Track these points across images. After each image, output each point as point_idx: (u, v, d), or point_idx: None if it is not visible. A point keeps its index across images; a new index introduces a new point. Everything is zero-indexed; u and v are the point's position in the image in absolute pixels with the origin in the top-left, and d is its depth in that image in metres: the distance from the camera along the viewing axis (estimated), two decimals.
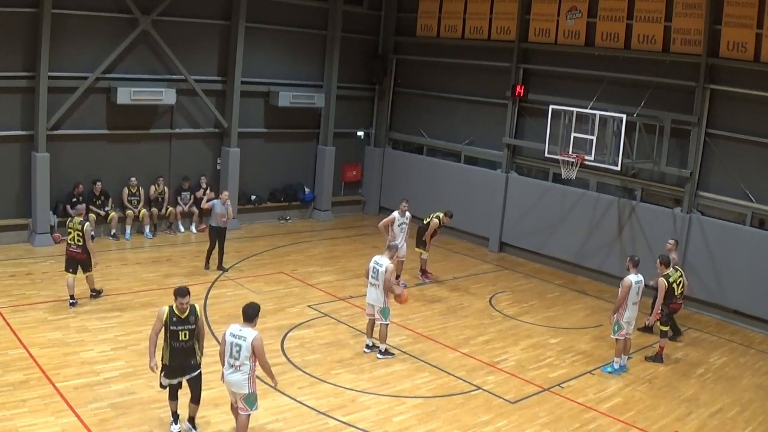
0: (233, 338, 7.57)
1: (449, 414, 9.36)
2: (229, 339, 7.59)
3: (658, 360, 11.57)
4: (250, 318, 7.67)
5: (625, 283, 10.79)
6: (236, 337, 7.55)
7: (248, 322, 7.65)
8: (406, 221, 14.39)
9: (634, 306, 10.95)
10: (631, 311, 10.93)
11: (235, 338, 7.55)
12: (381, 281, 10.69)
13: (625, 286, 10.77)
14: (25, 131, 15.00)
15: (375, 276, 10.78)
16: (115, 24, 15.69)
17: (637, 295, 10.90)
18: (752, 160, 13.76)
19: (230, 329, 7.66)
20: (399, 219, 14.24)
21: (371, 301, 10.90)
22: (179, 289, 7.91)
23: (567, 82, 16.28)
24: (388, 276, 10.65)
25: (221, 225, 14.22)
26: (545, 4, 16.68)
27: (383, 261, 10.81)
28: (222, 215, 14.14)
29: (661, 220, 14.85)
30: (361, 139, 20.96)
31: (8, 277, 13.05)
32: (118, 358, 10.00)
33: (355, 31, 19.82)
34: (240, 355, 7.50)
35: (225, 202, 14.30)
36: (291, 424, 8.72)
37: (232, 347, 7.55)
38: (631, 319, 11.01)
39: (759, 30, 13.29)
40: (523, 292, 14.93)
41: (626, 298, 10.76)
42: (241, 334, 7.55)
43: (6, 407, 8.35)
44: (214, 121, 17.71)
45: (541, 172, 17.27)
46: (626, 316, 10.91)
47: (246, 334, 7.53)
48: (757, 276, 13.37)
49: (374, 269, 10.80)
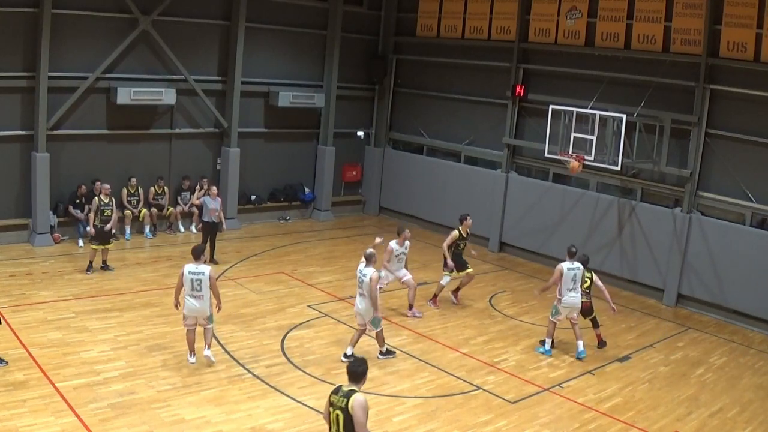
0: (192, 275, 9.74)
1: (449, 414, 9.36)
2: (188, 276, 9.74)
3: (602, 345, 11.95)
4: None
5: (557, 267, 11.34)
6: (194, 273, 9.73)
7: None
8: (405, 251, 12.85)
9: (571, 293, 11.25)
10: (569, 298, 11.25)
11: (194, 274, 9.73)
12: (367, 291, 10.41)
13: (557, 270, 11.30)
14: (25, 131, 15.00)
15: (361, 286, 10.52)
16: (115, 24, 15.70)
17: (572, 282, 11.24)
18: (752, 160, 13.76)
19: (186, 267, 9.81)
20: (397, 249, 12.66)
21: (360, 312, 10.63)
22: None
23: (567, 82, 16.28)
24: (373, 285, 10.35)
25: (214, 220, 14.79)
26: (545, 4, 16.68)
27: (367, 271, 10.43)
28: (215, 210, 14.75)
29: (661, 220, 14.85)
30: (361, 139, 20.96)
31: (8, 277, 13.04)
32: (118, 358, 10.00)
33: (355, 31, 19.82)
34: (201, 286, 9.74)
35: (215, 197, 14.90)
36: (291, 424, 8.71)
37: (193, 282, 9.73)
38: (571, 307, 11.31)
39: (759, 30, 13.30)
40: (523, 292, 14.93)
41: (558, 282, 11.25)
42: (199, 270, 9.77)
43: (6, 407, 8.35)
44: (214, 121, 17.71)
45: (541, 172, 17.27)
46: (564, 301, 11.27)
47: (203, 269, 9.82)
48: (757, 276, 13.37)
49: (360, 279, 10.53)
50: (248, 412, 8.91)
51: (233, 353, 10.60)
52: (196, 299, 9.79)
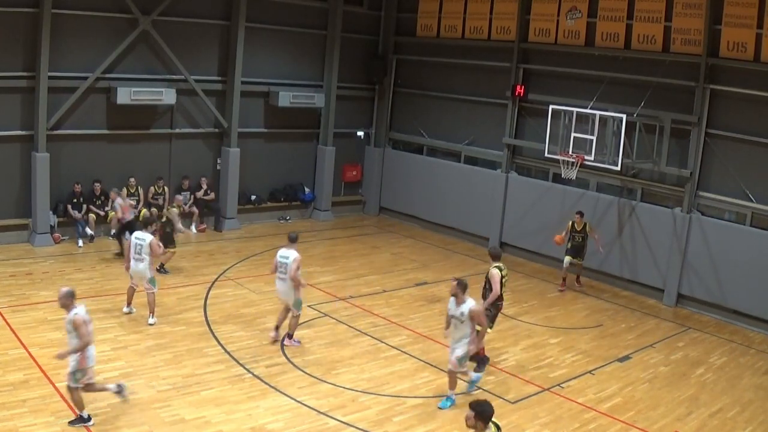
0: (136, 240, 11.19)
1: (449, 414, 9.35)
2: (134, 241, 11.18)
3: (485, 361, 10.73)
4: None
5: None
6: (138, 239, 11.17)
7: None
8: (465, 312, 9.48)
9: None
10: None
11: (138, 239, 11.17)
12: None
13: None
14: (25, 131, 15.00)
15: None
16: (115, 24, 15.69)
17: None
18: (752, 160, 13.76)
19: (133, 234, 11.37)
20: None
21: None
22: None
23: (567, 82, 16.28)
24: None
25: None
26: (545, 4, 16.68)
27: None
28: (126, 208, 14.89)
29: (661, 220, 14.85)
30: (361, 139, 20.96)
31: (8, 277, 13.05)
32: (118, 358, 10.01)
33: (355, 31, 19.82)
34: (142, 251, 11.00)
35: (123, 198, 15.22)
36: (291, 424, 8.72)
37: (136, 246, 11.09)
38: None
39: (759, 30, 13.30)
40: (523, 292, 14.93)
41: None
42: (142, 236, 11.15)
43: (6, 407, 8.36)
44: (214, 121, 17.71)
45: (541, 172, 17.27)
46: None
47: (145, 237, 11.09)
48: (757, 276, 13.37)
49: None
50: (248, 412, 8.92)
51: (233, 353, 10.60)
52: (138, 262, 11.21)
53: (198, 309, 12.32)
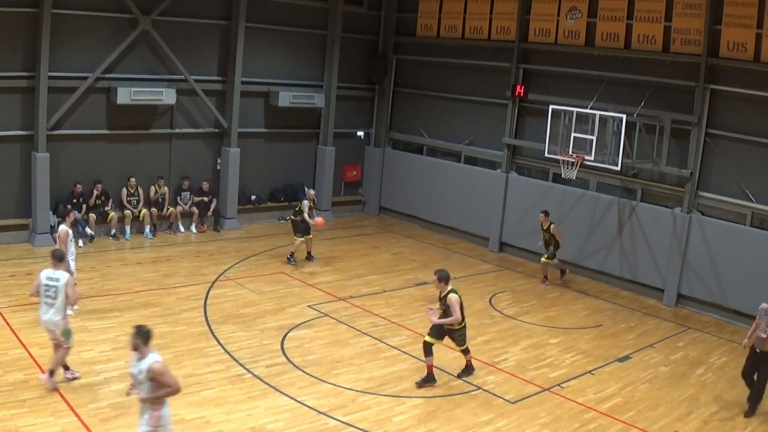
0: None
1: (449, 414, 9.36)
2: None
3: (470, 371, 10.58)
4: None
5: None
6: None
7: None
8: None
9: None
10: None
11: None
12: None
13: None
14: (25, 131, 14.99)
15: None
16: (115, 24, 15.69)
17: None
18: (752, 160, 13.76)
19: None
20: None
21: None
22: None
23: (567, 82, 16.28)
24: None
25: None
26: (545, 4, 16.68)
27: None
28: None
29: (661, 220, 14.85)
30: (361, 139, 20.95)
31: (8, 277, 13.05)
32: (118, 358, 10.00)
33: (355, 31, 19.82)
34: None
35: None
36: (291, 424, 8.72)
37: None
38: None
39: (759, 30, 13.29)
40: (523, 292, 14.93)
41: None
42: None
43: (6, 407, 8.35)
44: (214, 121, 17.71)
45: (541, 172, 17.27)
46: None
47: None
48: (757, 276, 13.36)
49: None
50: (248, 412, 8.92)
51: (233, 353, 10.60)
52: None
53: (198, 309, 12.32)
